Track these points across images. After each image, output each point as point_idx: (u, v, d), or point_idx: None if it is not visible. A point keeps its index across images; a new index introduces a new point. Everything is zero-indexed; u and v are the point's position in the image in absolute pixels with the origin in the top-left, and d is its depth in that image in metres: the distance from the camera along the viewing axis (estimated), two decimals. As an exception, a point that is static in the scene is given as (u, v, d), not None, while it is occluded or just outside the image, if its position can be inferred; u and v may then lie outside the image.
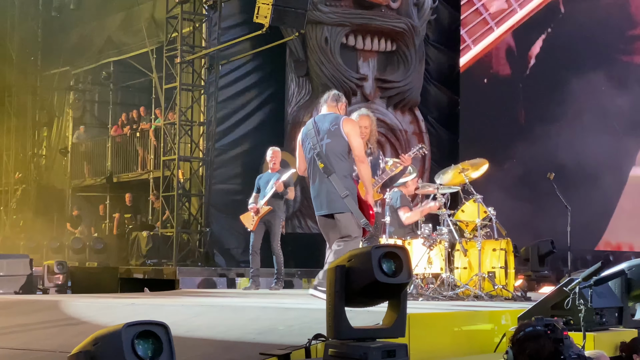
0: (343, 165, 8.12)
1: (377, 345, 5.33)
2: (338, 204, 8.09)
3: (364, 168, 8.16)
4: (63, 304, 9.25)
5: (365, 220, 8.03)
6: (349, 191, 8.05)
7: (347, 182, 8.08)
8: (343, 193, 8.04)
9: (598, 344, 6.61)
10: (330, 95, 8.51)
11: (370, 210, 8.12)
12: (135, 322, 4.40)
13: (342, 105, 8.49)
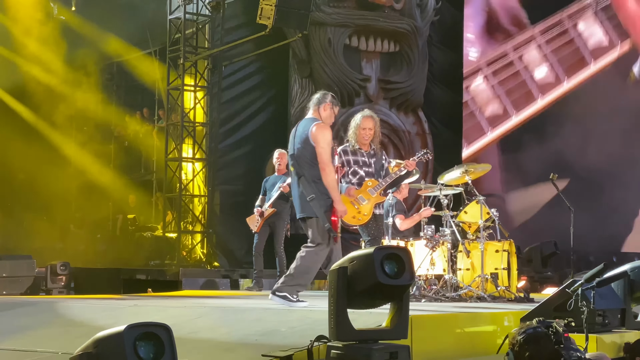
0: (312, 170, 8.14)
1: (379, 347, 5.34)
2: (305, 208, 8.19)
3: (326, 175, 8.10)
4: (66, 305, 9.26)
5: (328, 225, 8.03)
6: (315, 196, 8.07)
7: (315, 187, 8.10)
8: (309, 196, 8.10)
9: (600, 346, 6.60)
10: (313, 98, 8.54)
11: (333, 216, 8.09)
12: (137, 324, 4.41)
13: (325, 105, 8.42)
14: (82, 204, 23.67)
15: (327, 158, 8.11)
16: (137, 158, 21.99)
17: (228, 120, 17.76)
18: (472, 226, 10.52)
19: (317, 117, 8.33)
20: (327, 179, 8.08)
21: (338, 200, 8.13)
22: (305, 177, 8.16)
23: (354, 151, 9.49)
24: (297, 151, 8.26)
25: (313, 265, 8.23)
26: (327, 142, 8.14)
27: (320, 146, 8.11)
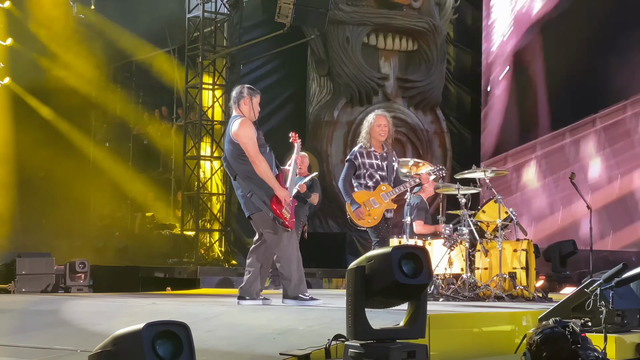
0: (244, 167, 8.17)
1: (397, 346, 5.34)
2: (248, 206, 8.27)
3: (257, 167, 8.10)
4: (85, 303, 9.30)
5: (271, 214, 8.08)
6: (252, 191, 8.13)
7: (251, 183, 8.15)
8: (248, 193, 8.17)
9: (619, 346, 6.58)
10: (232, 96, 8.51)
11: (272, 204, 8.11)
12: (156, 322, 4.42)
13: (244, 100, 8.38)
14: (101, 201, 23.77)
15: (254, 151, 8.09)
16: (156, 156, 22.06)
17: (246, 119, 17.76)
18: (490, 225, 10.50)
19: (239, 114, 8.30)
20: (259, 171, 8.09)
21: (277, 187, 8.12)
22: (239, 176, 8.23)
23: (368, 153, 9.53)
24: (226, 152, 8.35)
25: (291, 254, 8.25)
26: (248, 136, 8.12)
27: (243, 141, 8.11)
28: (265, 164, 8.12)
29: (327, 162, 17.98)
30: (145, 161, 22.48)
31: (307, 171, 12.98)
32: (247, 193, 8.18)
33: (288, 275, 8.24)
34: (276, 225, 8.15)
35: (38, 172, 24.02)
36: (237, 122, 8.23)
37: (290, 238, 8.27)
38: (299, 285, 8.27)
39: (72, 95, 24.43)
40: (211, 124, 17.76)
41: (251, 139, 8.12)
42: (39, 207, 23.59)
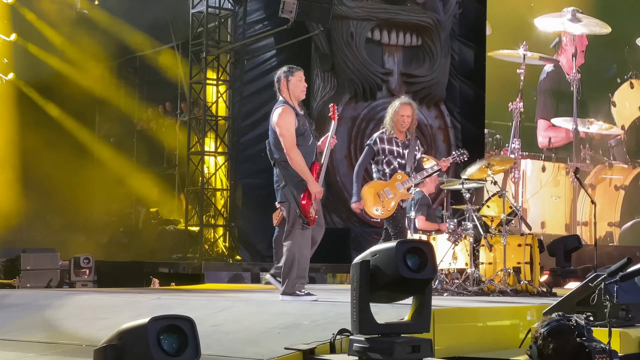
0: (281, 156, 8.08)
1: (401, 341, 5.35)
2: (279, 194, 8.19)
3: (291, 160, 8.00)
4: (89, 298, 9.32)
5: (298, 211, 8.01)
6: (286, 182, 8.05)
7: (286, 172, 8.06)
8: (281, 183, 8.10)
9: (624, 340, 6.59)
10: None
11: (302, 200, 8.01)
12: (161, 317, 4.44)
13: (282, 84, 8.30)
14: (105, 197, 23.80)
15: (289, 143, 7.98)
16: (160, 152, 22.08)
17: (250, 114, 17.79)
18: (494, 220, 10.51)
19: (282, 99, 8.23)
20: (293, 165, 8.00)
21: (311, 182, 8.02)
22: (277, 162, 8.15)
23: (390, 139, 9.39)
24: (269, 137, 8.27)
25: (299, 252, 8.17)
26: (285, 127, 8.02)
27: (281, 133, 8.04)
28: (300, 157, 7.99)
29: (332, 157, 17.93)
30: (149, 157, 22.50)
31: None
32: (280, 183, 8.12)
33: (287, 271, 8.18)
34: (298, 220, 8.07)
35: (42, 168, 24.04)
36: (277, 112, 8.14)
37: (304, 236, 8.17)
38: (297, 282, 8.21)
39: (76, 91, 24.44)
40: (215, 120, 17.76)
41: (288, 130, 8.01)
42: (44, 202, 23.61)
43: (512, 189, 15.99)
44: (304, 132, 8.12)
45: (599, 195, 16.66)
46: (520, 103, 16.18)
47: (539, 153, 16.79)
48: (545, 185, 16.29)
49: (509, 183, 16.23)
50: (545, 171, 16.52)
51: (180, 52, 19.69)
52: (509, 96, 16.63)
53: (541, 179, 16.42)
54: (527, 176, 16.32)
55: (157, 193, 22.16)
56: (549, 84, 16.66)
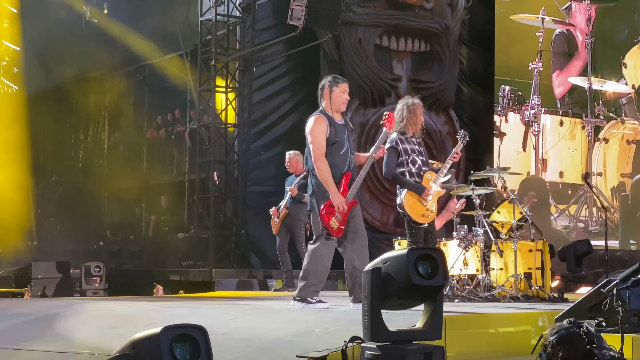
0: (312, 163, 8.06)
1: (413, 348, 5.35)
2: (309, 202, 8.27)
3: (317, 169, 7.99)
4: (100, 307, 9.34)
5: (319, 220, 7.99)
6: (313, 190, 8.07)
7: (316, 181, 8.05)
8: (310, 191, 8.15)
9: (636, 346, 6.56)
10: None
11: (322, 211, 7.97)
12: (173, 326, 4.45)
13: (324, 93, 8.29)
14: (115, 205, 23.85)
15: (317, 152, 7.96)
16: (170, 159, 22.12)
17: (259, 122, 17.80)
18: (505, 226, 10.50)
19: (321, 108, 8.22)
20: (318, 173, 7.98)
21: (333, 192, 7.95)
22: (309, 171, 8.16)
23: (407, 139, 9.18)
24: (306, 147, 8.25)
25: (319, 261, 8.12)
26: (315, 136, 8.01)
27: (310, 140, 8.05)
28: (326, 167, 7.96)
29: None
30: (159, 164, 22.54)
31: (303, 169, 13.01)
32: (310, 191, 8.17)
33: (305, 278, 8.13)
34: (321, 230, 8.04)
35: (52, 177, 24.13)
36: (311, 120, 8.15)
37: (327, 246, 8.10)
38: (312, 289, 8.17)
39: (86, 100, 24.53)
40: (224, 127, 17.78)
41: (318, 139, 7.99)
42: (54, 211, 23.69)
43: (533, 141, 17.01)
44: (335, 142, 8.06)
45: (612, 149, 17.79)
46: (540, 63, 17.22)
47: (557, 109, 17.73)
48: (563, 138, 17.26)
49: (530, 136, 17.21)
50: (563, 125, 17.48)
51: (189, 59, 19.73)
52: (529, 56, 17.49)
53: (559, 133, 17.34)
54: (546, 130, 17.26)
55: (167, 201, 22.21)
56: (559, 46, 17.94)
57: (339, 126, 8.13)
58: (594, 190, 11.83)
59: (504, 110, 16.70)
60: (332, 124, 8.06)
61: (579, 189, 17.23)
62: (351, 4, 18.04)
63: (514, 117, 17.02)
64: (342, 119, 8.25)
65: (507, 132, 17.23)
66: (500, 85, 17.59)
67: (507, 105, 17.05)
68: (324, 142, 7.98)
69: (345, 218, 8.01)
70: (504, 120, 17.00)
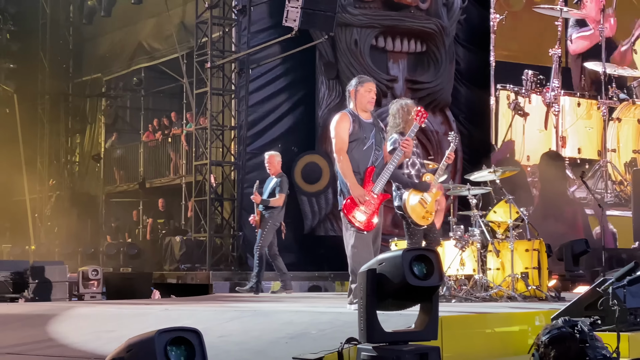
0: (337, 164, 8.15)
1: (409, 349, 5.33)
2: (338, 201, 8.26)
3: (339, 164, 8.07)
4: (97, 311, 9.33)
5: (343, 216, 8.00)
6: (340, 188, 8.12)
7: (341, 179, 8.11)
8: (338, 188, 8.20)
9: (633, 345, 6.56)
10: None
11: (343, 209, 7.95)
12: (168, 329, 4.43)
13: (351, 93, 8.30)
14: (112, 208, 23.85)
15: (338, 147, 8.07)
16: (166, 162, 22.11)
17: (256, 123, 17.80)
18: (501, 226, 10.49)
19: (350, 108, 8.26)
20: (339, 168, 8.07)
21: (353, 185, 7.98)
22: (337, 171, 8.19)
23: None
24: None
25: (359, 259, 7.84)
26: (337, 132, 8.11)
27: (332, 136, 8.19)
28: (346, 161, 8.03)
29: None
30: (155, 167, 22.55)
31: (279, 170, 13.03)
32: (338, 189, 8.23)
33: (355, 280, 7.80)
34: (349, 225, 8.02)
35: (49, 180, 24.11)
36: (335, 117, 8.26)
37: (362, 240, 7.98)
38: None
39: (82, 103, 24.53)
40: (221, 129, 17.77)
41: (339, 135, 8.11)
42: (51, 215, 23.68)
43: (553, 120, 18.49)
44: (358, 137, 8.12)
45: (625, 127, 19.37)
46: (559, 49, 18.74)
47: (575, 91, 19.31)
48: (580, 118, 18.83)
49: (551, 115, 18.59)
50: (580, 106, 19.05)
51: (185, 62, 19.72)
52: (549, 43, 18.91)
53: (577, 112, 18.91)
54: (565, 110, 18.82)
55: (164, 203, 22.20)
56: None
57: (365, 124, 8.18)
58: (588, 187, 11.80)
59: (527, 92, 18.23)
60: (357, 121, 8.13)
61: (595, 164, 18.79)
62: (347, 5, 18.06)
63: (536, 98, 18.46)
64: (370, 118, 8.30)
65: (530, 112, 18.58)
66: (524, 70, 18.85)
67: (530, 88, 18.28)
68: (345, 138, 8.08)
69: (377, 210, 8.03)
70: (527, 101, 18.35)
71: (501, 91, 18.50)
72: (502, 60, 18.62)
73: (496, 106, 18.40)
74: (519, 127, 18.43)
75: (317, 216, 17.92)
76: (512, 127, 18.24)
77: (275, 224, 12.86)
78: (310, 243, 17.75)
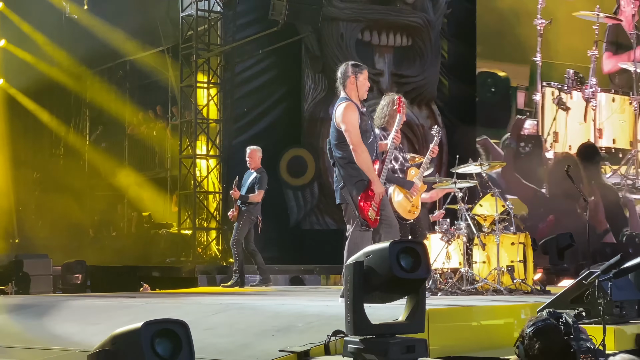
0: (341, 154, 7.79)
1: (396, 341, 5.33)
2: (338, 194, 7.91)
3: (358, 156, 7.68)
4: (82, 303, 9.29)
5: (357, 212, 7.71)
6: (344, 183, 7.78)
7: (345, 173, 7.78)
8: (340, 184, 7.83)
9: (618, 337, 6.58)
10: (337, 76, 8.09)
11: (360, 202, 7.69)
12: (155, 321, 4.42)
13: (349, 81, 7.97)
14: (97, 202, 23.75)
15: (357, 139, 7.66)
16: (151, 156, 22.04)
17: (241, 117, 17.77)
18: (487, 219, 10.52)
19: (345, 96, 7.93)
20: (359, 161, 7.66)
21: (376, 181, 7.69)
22: (337, 161, 7.85)
23: (389, 135, 8.75)
24: (330, 136, 7.96)
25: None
26: (351, 123, 7.69)
27: (347, 129, 7.70)
28: (367, 154, 7.66)
29: (323, 159, 17.95)
30: (140, 161, 22.46)
31: (259, 164, 13.02)
32: (339, 184, 7.81)
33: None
34: (357, 222, 7.78)
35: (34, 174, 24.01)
36: (341, 108, 7.82)
37: (363, 238, 7.80)
38: None
39: (67, 96, 24.42)
40: (206, 123, 17.73)
41: (354, 126, 7.68)
42: (36, 208, 23.59)
43: (591, 114, 20.21)
44: (364, 130, 7.80)
45: None
46: (596, 51, 20.32)
47: (611, 88, 20.94)
48: (615, 112, 20.53)
49: (589, 110, 20.22)
50: (615, 101, 20.74)
51: (171, 55, 19.66)
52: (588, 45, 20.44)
53: (612, 107, 20.59)
54: (602, 105, 20.45)
55: (149, 197, 22.12)
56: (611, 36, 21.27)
57: (365, 114, 7.93)
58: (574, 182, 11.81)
59: (569, 89, 20.08)
60: (360, 112, 7.83)
61: (627, 153, 20.48)
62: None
63: (576, 94, 20.23)
64: (364, 107, 8.03)
65: (571, 107, 20.16)
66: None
67: (571, 85, 20.24)
68: (359, 129, 7.72)
69: (378, 208, 7.81)
70: (569, 97, 20.14)
71: (546, 88, 19.96)
72: (547, 60, 20.02)
73: (542, 101, 19.90)
74: (561, 120, 20.18)
75: (303, 210, 17.91)
76: (556, 120, 19.94)
77: (251, 219, 12.85)
78: (295, 237, 17.74)
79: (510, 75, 19.91)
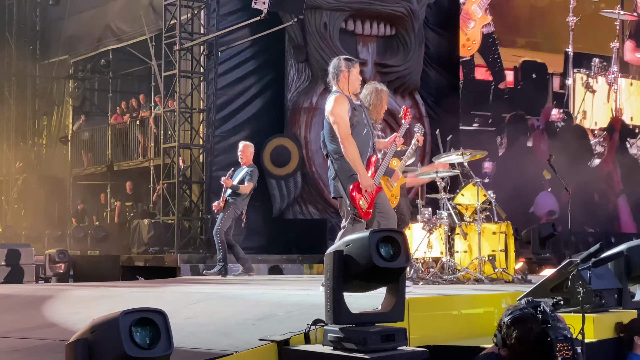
0: (333, 147, 7.77)
1: (376, 330, 5.34)
2: (332, 188, 7.89)
3: (345, 149, 7.63)
4: (64, 293, 9.26)
5: (349, 203, 7.67)
6: (337, 175, 7.76)
7: (338, 166, 7.75)
8: (333, 176, 7.81)
9: (598, 326, 6.61)
10: (328, 71, 8.07)
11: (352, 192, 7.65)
12: (133, 310, 4.40)
13: (342, 75, 7.91)
14: (80, 191, 23.70)
15: (344, 132, 7.61)
16: (134, 145, 22.00)
17: (225, 106, 17.74)
18: (469, 208, 10.52)
19: (337, 90, 7.88)
20: (347, 154, 7.62)
21: (362, 174, 7.63)
22: (330, 154, 7.82)
23: (373, 126, 8.64)
24: (324, 128, 7.92)
25: None
26: (340, 115, 7.64)
27: (335, 121, 7.68)
28: (354, 147, 7.61)
29: (307, 148, 17.97)
30: (123, 150, 22.42)
31: (250, 160, 13.03)
32: (332, 176, 7.78)
33: None
34: (351, 214, 7.72)
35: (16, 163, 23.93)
36: (331, 100, 7.77)
37: (355, 230, 7.62)
38: None
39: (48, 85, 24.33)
40: (190, 112, 17.70)
41: (343, 118, 7.63)
42: (18, 198, 23.51)
43: (613, 96, 23.76)
44: (357, 122, 7.75)
45: None
46: (617, 43, 23.81)
47: (629, 74, 24.24)
48: (633, 94, 24.07)
49: (611, 93, 23.71)
50: (633, 85, 24.25)
51: (154, 44, 19.60)
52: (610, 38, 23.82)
53: (630, 90, 24.13)
54: (622, 88, 23.95)
55: (132, 186, 22.10)
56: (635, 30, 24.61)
57: (358, 107, 7.87)
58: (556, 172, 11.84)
59: (595, 75, 23.39)
60: (351, 104, 7.78)
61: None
62: (316, -13, 18.00)
63: (601, 79, 23.58)
64: (358, 100, 7.99)
65: (597, 90, 23.46)
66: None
67: (597, 72, 23.61)
68: (348, 121, 7.68)
69: (372, 202, 7.75)
70: (595, 81, 23.41)
71: (576, 74, 22.96)
72: (577, 51, 22.97)
73: (573, 85, 22.86)
74: (588, 101, 23.42)
75: (286, 199, 17.90)
76: (584, 101, 23.10)
77: (236, 211, 12.85)
78: (278, 226, 17.75)
79: (547, 64, 22.54)
